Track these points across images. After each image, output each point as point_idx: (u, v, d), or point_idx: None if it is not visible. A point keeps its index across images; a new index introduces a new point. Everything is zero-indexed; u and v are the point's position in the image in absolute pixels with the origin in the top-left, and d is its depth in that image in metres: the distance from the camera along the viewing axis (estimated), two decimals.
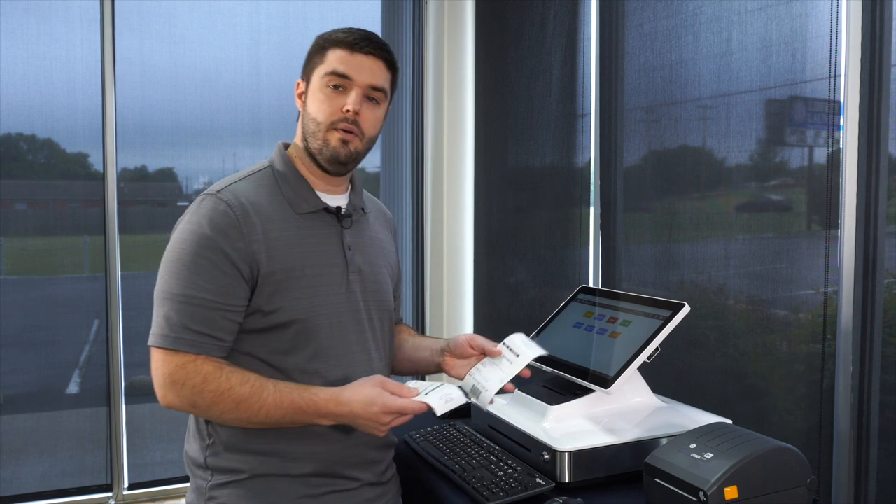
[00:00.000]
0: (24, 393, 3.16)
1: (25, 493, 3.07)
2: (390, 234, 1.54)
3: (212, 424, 1.31)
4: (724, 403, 1.95)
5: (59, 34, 3.04)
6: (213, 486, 1.29)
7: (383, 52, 1.33)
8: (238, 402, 1.19)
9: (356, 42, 1.30)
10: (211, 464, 1.30)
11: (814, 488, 1.14)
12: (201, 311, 1.22)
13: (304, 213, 1.33)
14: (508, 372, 1.30)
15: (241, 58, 3.31)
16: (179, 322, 1.22)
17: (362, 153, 1.35)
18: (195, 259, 1.23)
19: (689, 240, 2.11)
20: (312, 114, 1.31)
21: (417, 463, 1.49)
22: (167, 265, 1.25)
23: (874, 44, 1.55)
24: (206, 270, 1.23)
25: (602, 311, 1.54)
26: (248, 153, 3.29)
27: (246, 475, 1.28)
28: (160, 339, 1.23)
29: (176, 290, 1.23)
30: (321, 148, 1.31)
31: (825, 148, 1.72)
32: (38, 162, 3.15)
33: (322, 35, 1.34)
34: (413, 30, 3.51)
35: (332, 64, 1.29)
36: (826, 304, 1.69)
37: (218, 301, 1.23)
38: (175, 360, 1.22)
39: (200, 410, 1.22)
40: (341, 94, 1.29)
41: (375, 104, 1.33)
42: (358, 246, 1.38)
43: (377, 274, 1.41)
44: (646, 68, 2.28)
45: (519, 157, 3.11)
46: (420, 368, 1.51)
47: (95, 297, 3.15)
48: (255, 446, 1.27)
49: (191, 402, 1.21)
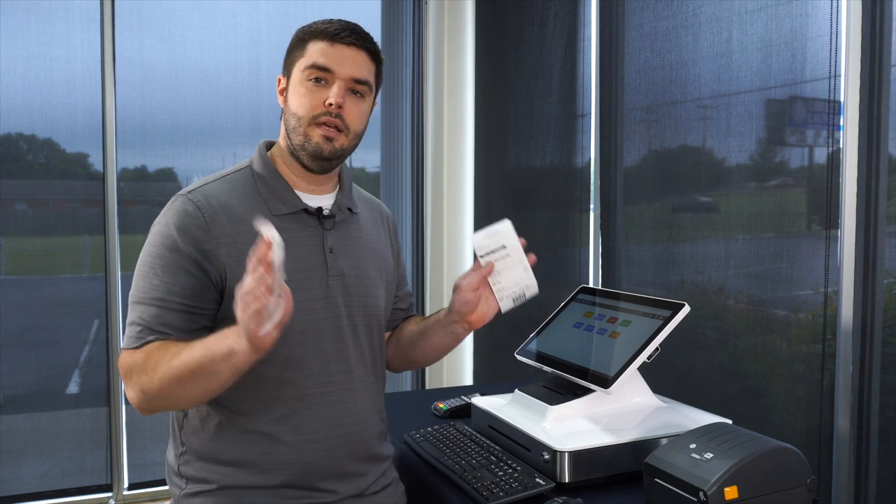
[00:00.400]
0: (24, 393, 3.16)
1: (25, 493, 3.07)
2: (386, 233, 1.47)
3: (184, 432, 1.27)
4: (724, 403, 1.95)
5: (59, 34, 3.04)
6: (185, 495, 1.26)
7: (366, 43, 1.27)
8: (169, 361, 1.11)
9: (337, 33, 1.24)
10: (184, 472, 1.27)
11: (814, 488, 1.14)
12: (167, 312, 1.18)
13: (281, 214, 1.26)
14: (515, 263, 1.30)
15: (241, 58, 3.31)
16: (145, 325, 1.18)
17: (348, 149, 1.28)
18: (161, 261, 1.20)
19: (689, 240, 2.11)
20: (293, 109, 1.26)
21: (417, 463, 1.48)
22: (137, 268, 1.22)
23: (874, 44, 1.55)
24: (171, 272, 1.19)
25: (602, 311, 1.54)
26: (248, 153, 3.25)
27: (215, 486, 1.23)
28: (126, 342, 1.19)
29: (144, 293, 1.19)
30: (303, 144, 1.25)
31: (825, 148, 1.72)
32: (38, 162, 3.16)
33: (302, 27, 1.29)
34: (413, 30, 3.51)
35: (312, 56, 1.24)
36: (826, 304, 1.69)
37: (184, 303, 1.19)
38: (126, 356, 1.18)
39: (152, 395, 1.14)
40: (323, 88, 1.24)
41: (360, 97, 1.27)
42: (342, 249, 1.31)
43: (364, 278, 1.34)
44: (646, 68, 2.28)
45: (519, 157, 3.11)
46: (445, 346, 1.43)
47: (95, 297, 3.15)
48: (225, 456, 1.23)
49: (140, 387, 1.14)
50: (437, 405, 1.79)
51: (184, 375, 1.10)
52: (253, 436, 1.23)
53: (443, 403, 1.79)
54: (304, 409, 1.25)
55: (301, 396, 1.25)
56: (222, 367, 1.07)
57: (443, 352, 1.46)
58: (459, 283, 1.33)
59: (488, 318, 1.34)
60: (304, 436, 1.25)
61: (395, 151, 3.65)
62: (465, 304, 1.32)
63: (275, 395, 1.24)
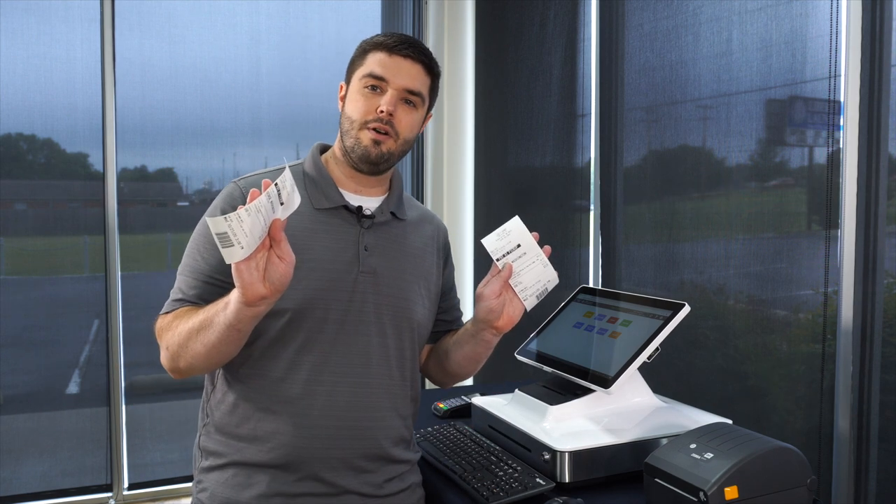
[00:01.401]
0: (24, 393, 3.16)
1: (25, 493, 3.07)
2: (435, 245, 1.49)
3: (209, 404, 1.34)
4: (724, 403, 1.95)
5: (59, 34, 3.04)
6: (202, 469, 1.33)
7: (422, 56, 1.34)
8: (190, 328, 1.20)
9: (395, 45, 1.32)
10: (203, 444, 1.33)
11: (814, 488, 1.14)
12: (201, 284, 1.28)
13: (323, 208, 1.33)
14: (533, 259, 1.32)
15: (241, 58, 3.31)
16: (181, 294, 1.29)
17: (396, 155, 1.34)
18: (203, 238, 1.30)
19: (689, 240, 2.11)
20: (348, 113, 1.33)
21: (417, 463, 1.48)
22: (188, 245, 1.33)
23: (874, 44, 1.55)
24: (211, 248, 1.27)
25: (602, 311, 1.54)
26: (248, 153, 3.29)
27: (226, 460, 1.29)
28: (164, 308, 1.31)
29: (185, 266, 1.31)
30: (353, 146, 1.32)
31: (825, 148, 1.72)
32: (38, 162, 3.16)
33: (365, 39, 1.37)
34: (413, 30, 3.51)
35: (370, 66, 1.32)
36: (826, 304, 1.69)
37: (218, 277, 1.27)
38: (162, 319, 1.29)
39: (174, 351, 1.23)
40: (377, 96, 1.31)
41: (412, 107, 1.34)
42: (378, 249, 1.35)
43: (399, 280, 1.36)
44: (646, 68, 2.28)
45: (519, 157, 3.11)
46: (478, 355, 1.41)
47: (95, 297, 3.15)
48: (238, 431, 1.29)
49: (166, 345, 1.25)
50: (438, 405, 1.79)
51: (193, 328, 1.19)
52: (264, 413, 1.28)
53: (443, 403, 1.79)
54: (315, 394, 1.28)
55: (312, 381, 1.28)
56: (218, 318, 1.14)
57: (477, 361, 1.45)
58: (481, 292, 1.32)
59: (516, 320, 1.34)
60: (310, 420, 1.27)
61: None
62: (491, 313, 1.32)
63: (287, 377, 1.28)
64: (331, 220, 1.33)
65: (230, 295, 1.12)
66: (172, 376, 1.27)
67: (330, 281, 1.29)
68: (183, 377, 1.28)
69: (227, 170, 3.32)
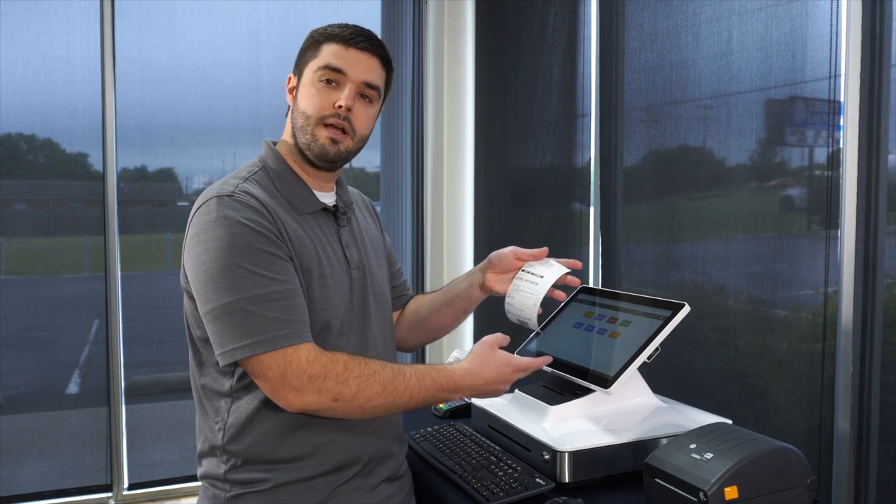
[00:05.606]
0: (24, 393, 3.17)
1: (25, 493, 3.07)
2: (372, 218, 1.50)
3: (230, 444, 1.23)
4: (724, 403, 1.95)
5: (59, 33, 3.04)
6: (231, 498, 1.24)
7: (379, 49, 1.30)
8: (384, 385, 1.16)
9: (351, 37, 1.27)
10: (230, 477, 1.25)
11: (814, 488, 1.14)
12: (281, 302, 1.14)
13: (305, 213, 1.29)
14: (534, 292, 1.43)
15: (241, 57, 3.31)
16: (267, 320, 1.13)
17: (352, 152, 1.31)
18: (251, 258, 1.15)
19: (689, 240, 2.11)
20: (302, 108, 1.27)
21: (417, 463, 1.49)
22: (218, 279, 1.14)
23: (874, 44, 1.55)
24: (266, 261, 1.15)
25: (602, 311, 1.54)
26: (248, 153, 3.29)
27: (270, 484, 1.23)
28: (255, 346, 1.12)
29: (246, 293, 1.13)
30: (309, 143, 1.27)
31: (825, 148, 1.72)
32: (38, 162, 3.16)
33: (316, 29, 1.31)
34: (413, 30, 3.51)
35: (325, 58, 1.26)
36: (826, 303, 1.69)
37: (286, 289, 1.16)
38: (298, 356, 1.13)
39: (343, 402, 1.14)
40: (334, 90, 1.26)
41: (368, 102, 1.30)
42: (353, 243, 1.36)
43: (373, 268, 1.39)
44: (646, 68, 2.28)
45: (519, 157, 3.11)
46: (458, 307, 1.52)
47: (95, 297, 3.15)
48: (277, 455, 1.23)
49: (335, 394, 1.13)
50: (437, 405, 1.79)
51: (408, 403, 1.19)
52: (304, 429, 1.23)
53: (443, 403, 1.79)
54: None
55: None
56: (440, 396, 1.22)
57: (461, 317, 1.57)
58: (516, 250, 1.49)
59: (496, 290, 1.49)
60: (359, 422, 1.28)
61: (395, 151, 3.65)
62: (503, 259, 1.47)
63: None
64: (314, 223, 1.29)
65: (459, 378, 1.22)
66: (297, 410, 1.16)
67: (336, 286, 1.28)
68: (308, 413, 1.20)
69: (228, 169, 3.31)
